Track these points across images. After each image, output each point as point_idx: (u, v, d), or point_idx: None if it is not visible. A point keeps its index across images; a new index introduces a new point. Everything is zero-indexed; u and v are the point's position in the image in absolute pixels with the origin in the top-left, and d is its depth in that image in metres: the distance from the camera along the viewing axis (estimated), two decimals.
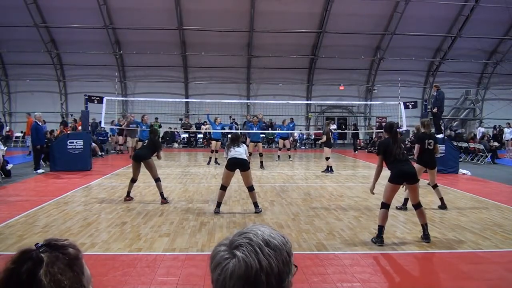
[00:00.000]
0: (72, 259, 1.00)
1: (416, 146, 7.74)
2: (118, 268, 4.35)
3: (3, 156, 10.83)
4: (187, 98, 24.14)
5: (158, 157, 8.16)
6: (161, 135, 20.17)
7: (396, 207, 7.23)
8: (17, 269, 0.95)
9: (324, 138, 12.40)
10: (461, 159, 15.32)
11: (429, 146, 7.52)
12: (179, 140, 23.81)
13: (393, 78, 23.35)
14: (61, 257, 0.99)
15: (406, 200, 7.28)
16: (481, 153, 16.05)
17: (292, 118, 19.90)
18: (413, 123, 15.25)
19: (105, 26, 21.82)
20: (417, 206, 5.50)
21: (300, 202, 8.03)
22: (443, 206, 7.43)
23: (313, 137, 23.93)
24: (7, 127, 23.92)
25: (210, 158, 14.47)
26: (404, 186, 5.67)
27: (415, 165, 6.74)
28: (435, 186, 7.64)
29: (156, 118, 20.66)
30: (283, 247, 0.95)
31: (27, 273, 0.94)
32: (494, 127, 24.33)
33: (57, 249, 1.00)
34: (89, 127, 14.12)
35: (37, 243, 1.01)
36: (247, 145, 11.53)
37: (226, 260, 0.91)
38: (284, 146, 16.34)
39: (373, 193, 5.79)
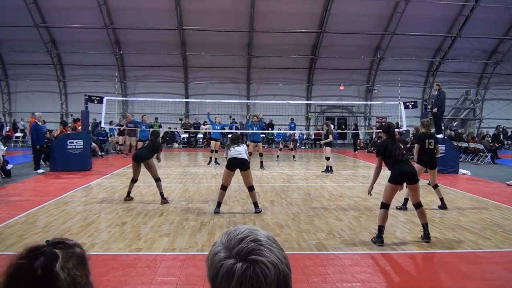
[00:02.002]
0: (83, 257, 1.03)
1: (416, 146, 7.72)
2: (118, 268, 4.34)
3: (3, 156, 10.83)
4: (187, 98, 24.15)
5: (158, 159, 8.15)
6: (161, 135, 20.14)
7: (396, 207, 7.24)
8: (28, 264, 0.95)
9: (331, 137, 12.40)
10: (461, 159, 15.32)
11: (429, 146, 7.50)
12: (179, 140, 23.82)
13: (393, 78, 23.34)
14: (75, 253, 1.01)
15: (406, 200, 7.29)
16: (481, 153, 16.06)
17: (293, 118, 19.93)
18: (413, 123, 15.27)
19: (105, 26, 21.82)
20: (418, 205, 5.50)
21: (300, 202, 8.03)
22: (443, 206, 7.43)
23: (313, 137, 23.95)
24: (7, 127, 23.91)
25: (210, 158, 14.48)
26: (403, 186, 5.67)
27: (415, 165, 6.75)
28: (435, 186, 7.64)
29: (156, 118, 20.66)
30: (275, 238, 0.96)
31: (42, 268, 0.94)
32: (497, 128, 24.32)
33: (69, 247, 1.02)
34: (89, 127, 14.12)
35: (48, 240, 1.02)
36: (247, 145, 11.54)
37: (247, 270, 0.84)
38: (287, 146, 16.41)
39: (370, 194, 5.76)
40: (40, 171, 11.71)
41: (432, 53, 24.96)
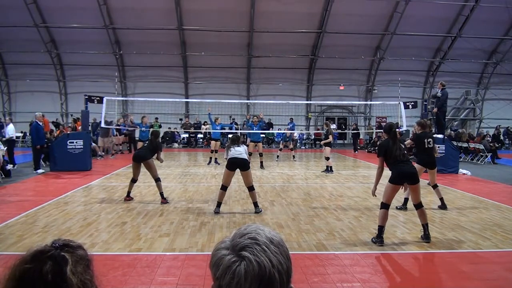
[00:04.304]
0: (89, 260, 1.01)
1: (408, 141, 7.79)
2: (118, 268, 4.34)
3: (3, 156, 10.84)
4: (187, 98, 24.14)
5: (159, 160, 8.12)
6: (161, 135, 20.11)
7: (396, 207, 7.23)
8: (36, 269, 0.92)
9: (330, 138, 12.40)
10: (461, 159, 15.33)
11: (429, 145, 7.46)
12: (179, 140, 23.82)
13: (393, 78, 23.34)
14: (83, 257, 0.99)
15: (406, 200, 7.29)
16: (481, 153, 16.06)
17: (292, 118, 19.91)
18: (413, 123, 15.24)
19: (105, 26, 21.82)
20: (418, 206, 5.50)
21: (300, 202, 8.03)
22: (443, 206, 7.43)
23: (313, 137, 23.96)
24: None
25: (210, 158, 14.49)
26: (403, 187, 5.66)
27: (415, 165, 6.73)
28: (435, 186, 7.63)
29: (156, 118, 20.67)
30: (283, 243, 0.96)
31: (52, 273, 0.91)
32: (497, 128, 24.32)
33: (75, 250, 0.99)
34: (89, 127, 14.12)
35: (54, 243, 0.99)
36: (247, 145, 11.53)
37: (235, 263, 0.88)
38: (287, 146, 16.41)
39: (374, 196, 5.71)
40: (40, 171, 11.71)
41: (432, 53, 24.95)
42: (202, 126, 20.07)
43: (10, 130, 13.09)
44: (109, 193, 8.68)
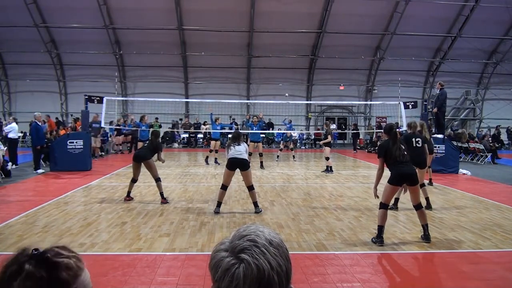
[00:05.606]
0: (56, 283, 0.92)
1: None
2: (118, 268, 4.34)
3: (3, 156, 10.84)
4: (187, 98, 24.14)
5: (160, 160, 8.11)
6: (161, 135, 20.11)
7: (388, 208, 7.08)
8: (9, 268, 0.93)
9: (329, 138, 12.40)
10: (461, 159, 15.32)
11: (417, 145, 7.25)
12: (179, 140, 23.82)
13: (393, 78, 23.35)
14: (42, 276, 0.91)
15: (396, 200, 7.22)
16: (481, 153, 16.06)
17: (290, 120, 19.94)
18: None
19: (105, 26, 21.81)
20: (418, 207, 5.50)
21: (300, 202, 8.03)
22: (428, 206, 7.25)
23: (313, 137, 23.97)
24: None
25: (207, 156, 14.49)
26: (403, 187, 5.64)
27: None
28: (422, 185, 7.53)
29: (156, 118, 20.67)
30: (283, 244, 0.96)
31: (9, 276, 0.92)
32: (497, 128, 24.31)
33: (47, 265, 0.93)
34: (89, 127, 14.11)
35: (37, 250, 0.95)
36: (248, 145, 11.52)
37: (234, 266, 0.88)
38: (287, 146, 16.40)
39: (377, 197, 5.61)
40: (40, 171, 11.71)
41: (432, 53, 24.95)
42: (202, 126, 20.08)
43: (8, 128, 13.09)
44: (109, 193, 8.68)
